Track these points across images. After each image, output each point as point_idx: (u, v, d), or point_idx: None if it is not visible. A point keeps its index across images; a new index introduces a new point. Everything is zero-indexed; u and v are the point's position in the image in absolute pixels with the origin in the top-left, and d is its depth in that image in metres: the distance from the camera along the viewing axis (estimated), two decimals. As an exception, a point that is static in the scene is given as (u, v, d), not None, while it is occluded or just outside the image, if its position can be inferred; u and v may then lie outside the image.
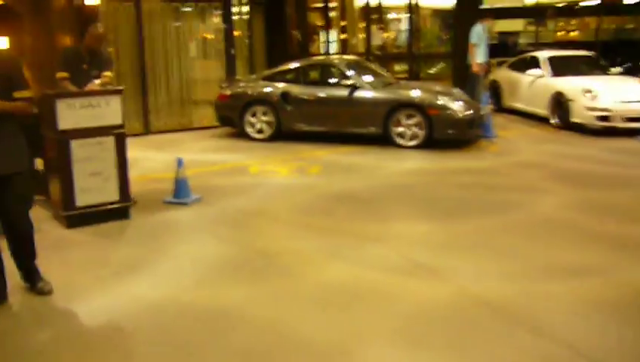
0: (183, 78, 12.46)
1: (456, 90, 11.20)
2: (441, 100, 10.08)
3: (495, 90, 14.11)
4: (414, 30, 14.88)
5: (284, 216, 6.60)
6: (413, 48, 14.49)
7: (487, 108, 11.11)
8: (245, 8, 13.72)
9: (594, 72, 12.72)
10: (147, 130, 12.07)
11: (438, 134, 9.97)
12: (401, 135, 10.17)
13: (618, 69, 12.97)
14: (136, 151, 10.26)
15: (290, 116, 10.81)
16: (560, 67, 12.65)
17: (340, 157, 9.67)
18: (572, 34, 19.46)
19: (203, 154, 10.17)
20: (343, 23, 17.02)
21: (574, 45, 16.76)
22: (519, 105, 13.29)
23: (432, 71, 17.66)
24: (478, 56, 12.45)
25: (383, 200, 7.17)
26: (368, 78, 10.91)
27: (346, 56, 11.99)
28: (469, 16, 13.67)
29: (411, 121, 10.05)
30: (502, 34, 18.01)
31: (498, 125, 11.74)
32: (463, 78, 13.64)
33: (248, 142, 10.99)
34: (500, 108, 13.89)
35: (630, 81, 11.97)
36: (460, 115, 9.94)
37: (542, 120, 12.31)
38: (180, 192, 7.10)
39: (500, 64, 14.77)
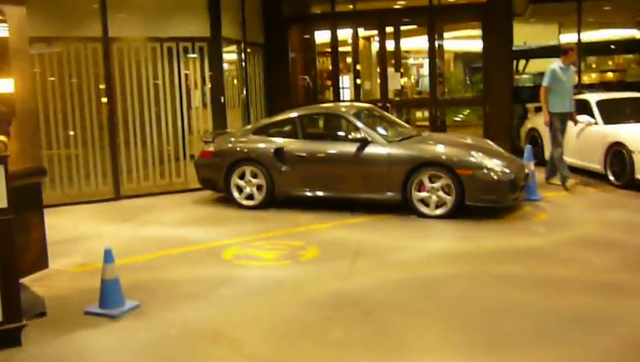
0: (164, 132, 10.44)
1: (491, 144, 9.04)
2: (474, 157, 7.94)
3: (534, 141, 11.93)
4: (437, 74, 12.80)
5: (250, 346, 4.41)
6: (436, 93, 12.39)
7: (530, 165, 8.93)
8: (240, 50, 11.76)
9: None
10: (117, 195, 10.02)
11: (471, 200, 7.81)
12: (424, 201, 8.02)
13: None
14: (94, 223, 8.27)
15: (285, 178, 8.72)
16: (614, 112, 10.48)
17: (345, 233, 7.51)
18: (612, 74, 17.27)
19: (174, 228, 8.07)
20: (357, 67, 15.02)
21: (622, 87, 14.61)
22: (565, 159, 11.05)
23: (459, 118, 15.58)
24: (553, 104, 9.67)
25: (400, 310, 4.97)
26: (383, 131, 8.82)
27: (355, 104, 9.88)
28: (500, 56, 11.63)
29: (437, 184, 7.91)
30: (537, 75, 15.88)
31: (541, 184, 9.55)
32: (496, 127, 11.54)
33: (235, 210, 8.89)
34: (541, 162, 11.67)
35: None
36: (499, 176, 7.79)
37: (595, 175, 10.10)
38: (107, 299, 4.97)
39: (538, 110, 12.60)
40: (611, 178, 9.73)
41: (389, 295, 5.29)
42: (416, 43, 16.85)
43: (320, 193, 8.61)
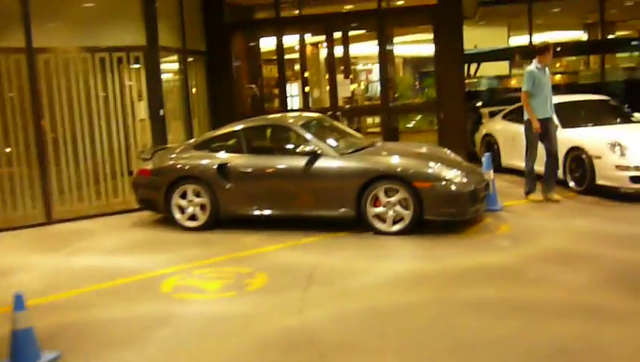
0: (99, 148, 9.66)
1: (448, 152, 8.55)
2: (432, 168, 7.43)
3: (489, 147, 11.55)
4: (387, 79, 12.29)
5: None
6: (387, 100, 11.89)
7: (490, 173, 8.47)
8: (180, 59, 11.05)
9: (614, 121, 10.23)
10: (49, 219, 9.20)
11: (431, 214, 7.31)
12: (380, 217, 7.47)
13: (639, 115, 10.46)
14: (19, 253, 7.58)
15: (230, 196, 8.06)
16: (573, 116, 10.13)
17: (297, 255, 6.90)
18: (561, 77, 17.10)
19: (108, 256, 7.33)
20: (306, 75, 14.45)
21: (572, 89, 14.40)
22: (520, 164, 10.68)
23: (411, 125, 15.15)
24: (538, 109, 8.87)
25: (359, 351, 4.38)
26: (334, 142, 8.24)
27: (304, 114, 9.25)
28: (452, 60, 11.21)
29: (394, 198, 7.37)
30: (490, 79, 15.61)
31: (500, 189, 9.12)
32: (451, 133, 11.11)
33: (177, 232, 8.20)
34: (496, 168, 11.27)
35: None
36: (459, 187, 7.31)
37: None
38: (18, 353, 4.25)
39: (492, 115, 12.25)
40: (571, 184, 9.36)
41: (346, 331, 4.70)
42: (365, 48, 16.41)
43: (269, 211, 7.98)
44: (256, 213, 8.02)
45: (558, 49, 15.45)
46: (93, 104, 9.58)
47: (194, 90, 11.53)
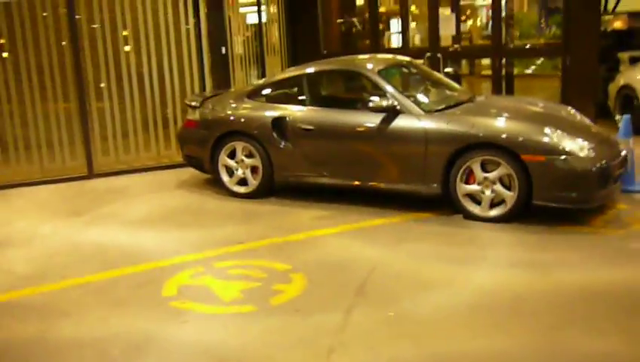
0: (148, 93, 8.29)
1: (573, 112, 6.51)
2: (549, 136, 5.46)
3: (627, 102, 9.25)
4: (506, 16, 10.06)
5: None
6: (501, 39, 9.71)
7: (629, 141, 6.38)
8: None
9: None
10: (90, 172, 7.99)
11: (542, 198, 5.40)
12: (474, 198, 5.64)
13: None
14: (33, 217, 6.59)
15: (287, 158, 6.47)
16: None
17: (355, 246, 5.25)
18: None
19: (128, 229, 5.97)
20: (411, 8, 12.37)
21: None
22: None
23: (530, 70, 12.83)
24: None
25: None
26: (419, 96, 6.42)
27: (387, 57, 7.36)
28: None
29: (493, 174, 5.51)
30: (633, 15, 12.88)
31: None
32: (578, 83, 8.91)
33: (223, 199, 6.75)
34: (636, 129, 9.01)
35: None
36: (585, 163, 5.33)
37: None
38: None
39: (633, 61, 9.84)
40: None
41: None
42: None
43: (333, 180, 6.33)
44: (319, 180, 6.39)
45: None
46: (142, 37, 8.14)
47: (270, 22, 9.85)
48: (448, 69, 9.91)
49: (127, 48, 8.18)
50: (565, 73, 9.25)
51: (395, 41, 12.58)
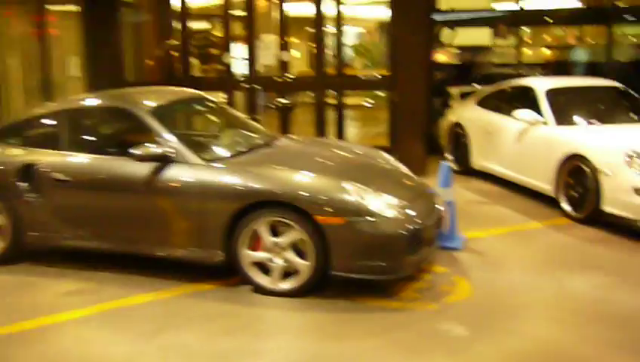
0: None
1: (387, 159, 5.65)
2: (351, 192, 4.50)
3: (457, 140, 8.68)
4: (323, 43, 9.14)
5: None
6: (322, 70, 8.81)
7: (448, 193, 5.59)
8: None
9: (630, 118, 7.38)
10: None
11: (342, 268, 4.44)
12: (262, 267, 4.57)
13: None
14: None
15: (39, 216, 5.11)
16: (569, 108, 7.28)
17: (99, 337, 4.06)
18: (552, 52, 14.07)
19: None
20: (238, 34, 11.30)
21: (564, 68, 11.54)
22: (499, 169, 7.85)
23: (369, 102, 12.14)
24: None
25: None
26: (207, 141, 5.32)
27: (173, 90, 6.06)
28: (414, 24, 8.23)
29: (284, 239, 4.46)
30: (464, 50, 12.57)
31: (464, 209, 6.30)
32: (406, 120, 8.21)
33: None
34: (466, 170, 8.45)
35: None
36: (392, 227, 4.41)
37: (541, 197, 6.91)
38: None
39: (463, 96, 9.33)
40: (566, 207, 6.53)
41: None
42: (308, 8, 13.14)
43: (95, 243, 5.05)
44: (76, 243, 5.08)
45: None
46: None
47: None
48: (284, 100, 8.93)
49: None
50: (394, 108, 8.51)
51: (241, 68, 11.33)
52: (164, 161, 4.75)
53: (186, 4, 9.28)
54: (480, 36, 13.81)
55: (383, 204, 4.52)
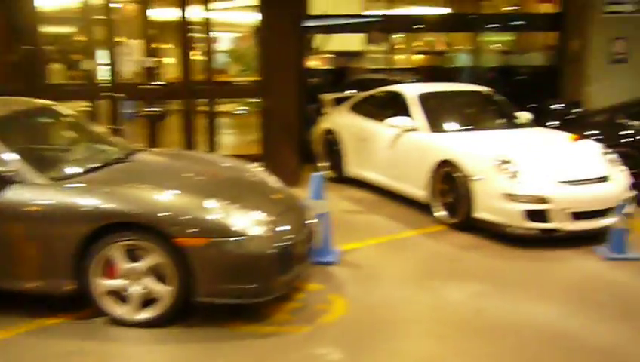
0: None
1: (257, 173, 5.33)
2: (213, 210, 4.14)
3: (331, 148, 8.50)
4: (188, 48, 8.65)
5: None
6: (188, 78, 8.37)
7: (322, 204, 5.34)
8: None
9: (498, 124, 7.47)
10: None
11: (207, 292, 4.10)
12: (119, 295, 4.11)
13: (527, 115, 7.72)
14: None
15: None
16: (442, 113, 7.27)
17: None
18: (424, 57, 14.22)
19: None
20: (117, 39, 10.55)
21: (437, 74, 11.67)
22: (373, 176, 7.74)
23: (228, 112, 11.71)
24: None
25: None
26: (54, 157, 4.79)
27: (16, 100, 5.38)
28: (284, 29, 7.97)
29: (141, 264, 4.04)
30: (338, 55, 12.47)
31: (339, 219, 6.10)
32: (278, 129, 7.95)
33: None
34: (340, 178, 8.28)
35: (559, 139, 6.83)
36: (260, 246, 4.10)
37: (416, 204, 6.85)
38: None
39: (337, 102, 9.17)
40: (440, 214, 6.48)
41: None
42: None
43: None
44: None
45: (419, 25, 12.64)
46: None
47: None
48: (153, 109, 8.38)
49: None
50: (266, 115, 8.20)
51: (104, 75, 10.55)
52: (2, 181, 4.18)
53: (44, 6, 8.54)
54: (353, 42, 13.77)
55: (250, 222, 4.19)
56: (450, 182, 6.32)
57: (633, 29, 9.89)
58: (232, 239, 4.05)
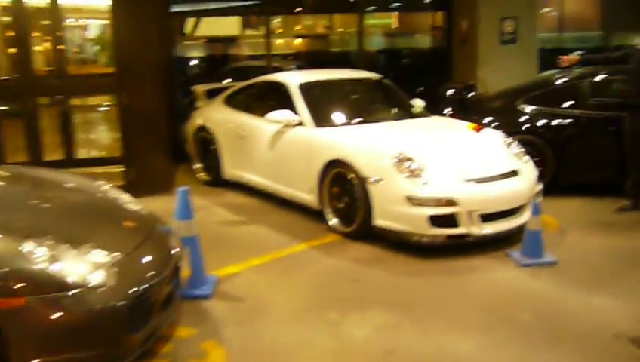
0: None
1: (106, 193, 4.22)
2: (32, 256, 3.03)
3: (206, 147, 7.44)
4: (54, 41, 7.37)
5: None
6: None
7: (190, 225, 4.30)
8: None
9: (389, 113, 6.69)
10: None
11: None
12: None
13: (420, 102, 6.98)
14: None
15: None
16: (330, 105, 6.40)
17: None
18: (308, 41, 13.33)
19: None
20: None
21: (321, 58, 10.88)
22: (255, 179, 6.77)
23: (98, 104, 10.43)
24: None
25: None
26: None
27: None
28: (143, 13, 6.81)
29: None
30: (212, 42, 11.29)
31: (215, 233, 5.13)
32: (141, 129, 6.82)
33: None
34: (217, 180, 7.26)
35: (459, 129, 6.13)
36: (103, 299, 3.05)
37: (306, 210, 5.97)
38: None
39: (211, 95, 8.09)
40: (333, 221, 5.62)
41: None
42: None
43: None
44: None
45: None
46: None
47: None
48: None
49: None
50: (124, 112, 7.00)
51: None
52: None
53: None
54: (229, 26, 12.63)
55: (89, 266, 3.11)
56: (342, 184, 5.46)
57: (523, 8, 9.41)
58: (61, 294, 2.97)
